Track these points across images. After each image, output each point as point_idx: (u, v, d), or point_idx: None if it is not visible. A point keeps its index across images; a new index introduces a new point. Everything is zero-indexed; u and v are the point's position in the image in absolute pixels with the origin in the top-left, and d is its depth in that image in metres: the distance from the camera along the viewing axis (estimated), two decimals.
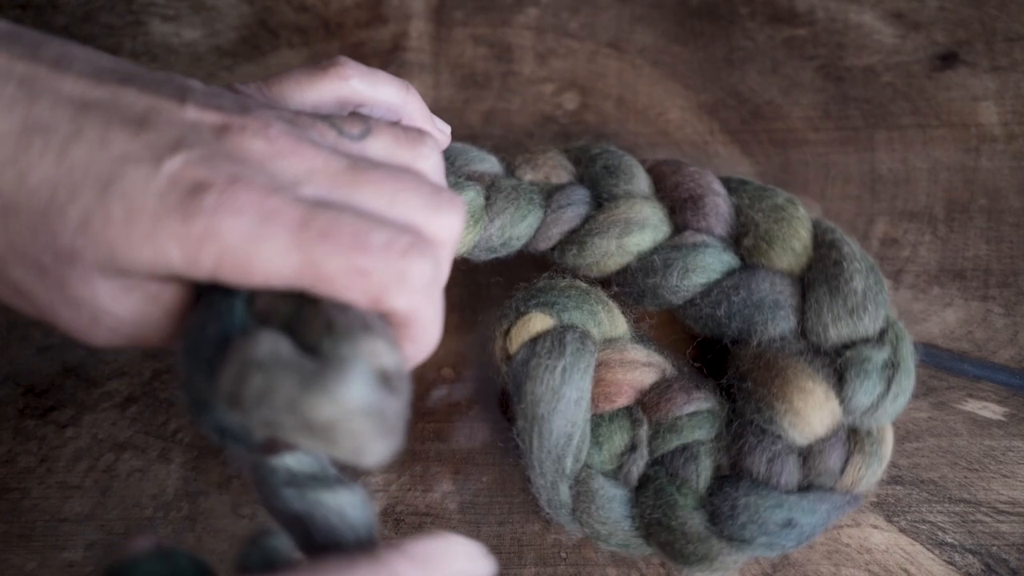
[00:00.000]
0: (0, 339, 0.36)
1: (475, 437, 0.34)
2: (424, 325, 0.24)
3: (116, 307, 0.22)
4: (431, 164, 0.27)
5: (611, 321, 0.31)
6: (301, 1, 0.43)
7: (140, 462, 0.33)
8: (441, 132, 0.30)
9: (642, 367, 0.31)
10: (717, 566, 0.28)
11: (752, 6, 0.43)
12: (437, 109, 0.39)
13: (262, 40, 0.42)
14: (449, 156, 0.33)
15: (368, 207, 0.23)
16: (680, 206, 0.33)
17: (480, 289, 0.37)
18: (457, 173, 0.33)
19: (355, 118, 0.26)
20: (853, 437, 0.29)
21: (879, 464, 0.29)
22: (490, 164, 0.34)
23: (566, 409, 0.29)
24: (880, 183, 0.39)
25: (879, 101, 0.40)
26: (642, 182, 0.33)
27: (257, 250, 0.21)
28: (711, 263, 0.31)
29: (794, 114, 0.40)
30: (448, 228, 0.24)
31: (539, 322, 0.30)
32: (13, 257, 0.22)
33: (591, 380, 0.30)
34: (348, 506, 0.21)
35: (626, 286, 0.33)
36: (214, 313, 0.22)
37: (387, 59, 0.42)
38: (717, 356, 0.33)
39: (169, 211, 0.21)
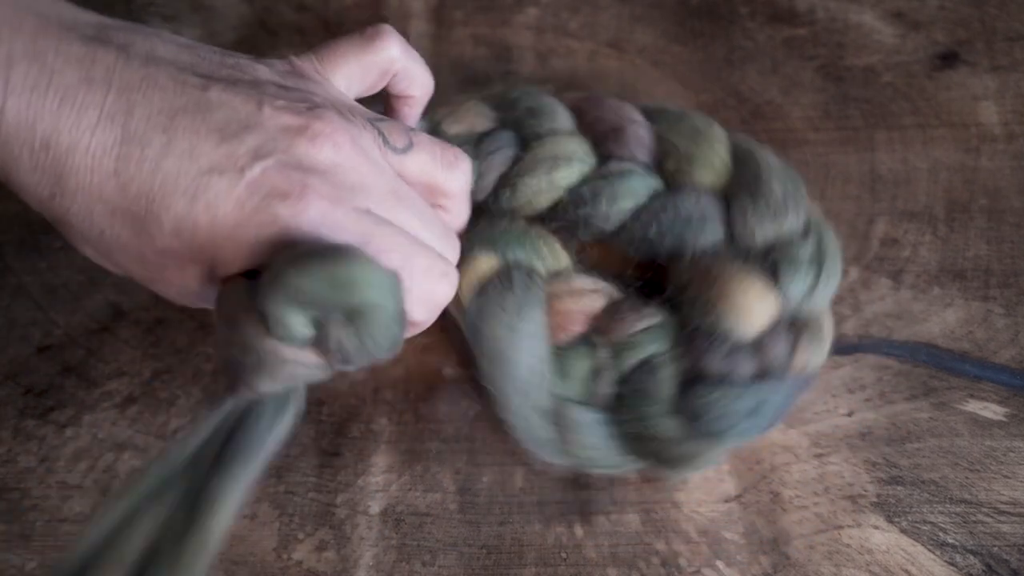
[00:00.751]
0: (0, 339, 0.36)
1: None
2: (423, 328, 0.29)
3: (197, 285, 0.26)
4: (460, 183, 0.30)
5: (553, 255, 0.33)
6: (300, 1, 0.43)
7: (140, 462, 0.33)
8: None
9: (590, 294, 0.32)
10: (704, 462, 0.31)
11: (752, 6, 0.43)
12: None
13: (261, 40, 0.42)
14: None
15: (407, 228, 0.27)
16: (603, 138, 0.34)
17: None
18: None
19: (401, 130, 0.28)
20: (795, 325, 0.31)
21: (822, 346, 0.31)
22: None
23: (525, 343, 0.30)
24: (880, 183, 0.38)
25: (879, 101, 0.40)
26: (564, 119, 0.34)
27: None
28: (637, 188, 0.33)
29: (794, 114, 0.40)
30: (454, 258, 0.29)
31: (484, 263, 0.32)
32: (119, 248, 0.25)
33: (544, 313, 0.31)
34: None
35: (561, 220, 0.34)
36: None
37: None
38: (656, 275, 0.34)
39: (248, 218, 0.24)
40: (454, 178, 0.30)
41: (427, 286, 0.26)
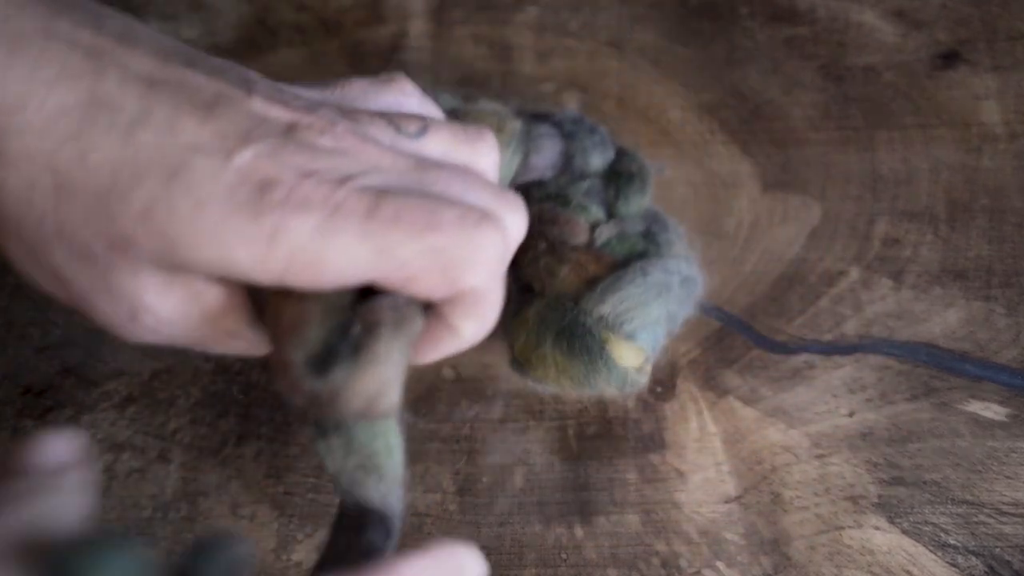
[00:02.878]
0: None
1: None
2: (491, 304, 0.24)
3: (158, 303, 0.21)
4: (490, 163, 0.26)
5: None
6: (300, 1, 0.43)
7: (139, 462, 0.33)
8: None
9: None
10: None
11: (752, 5, 0.43)
12: None
13: (261, 39, 0.42)
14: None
15: (436, 192, 0.22)
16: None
17: None
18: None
19: (412, 116, 0.25)
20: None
21: (645, 195, 0.34)
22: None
23: None
24: (881, 183, 0.38)
25: (880, 100, 0.40)
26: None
27: (329, 245, 0.20)
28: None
29: (794, 113, 0.40)
30: (514, 226, 0.24)
31: None
32: (60, 240, 0.20)
33: None
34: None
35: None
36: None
37: (386, 58, 0.42)
38: None
39: (238, 207, 0.20)
40: (480, 154, 0.26)
41: (467, 236, 0.21)
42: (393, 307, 0.21)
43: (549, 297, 0.31)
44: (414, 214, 0.21)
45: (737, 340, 0.36)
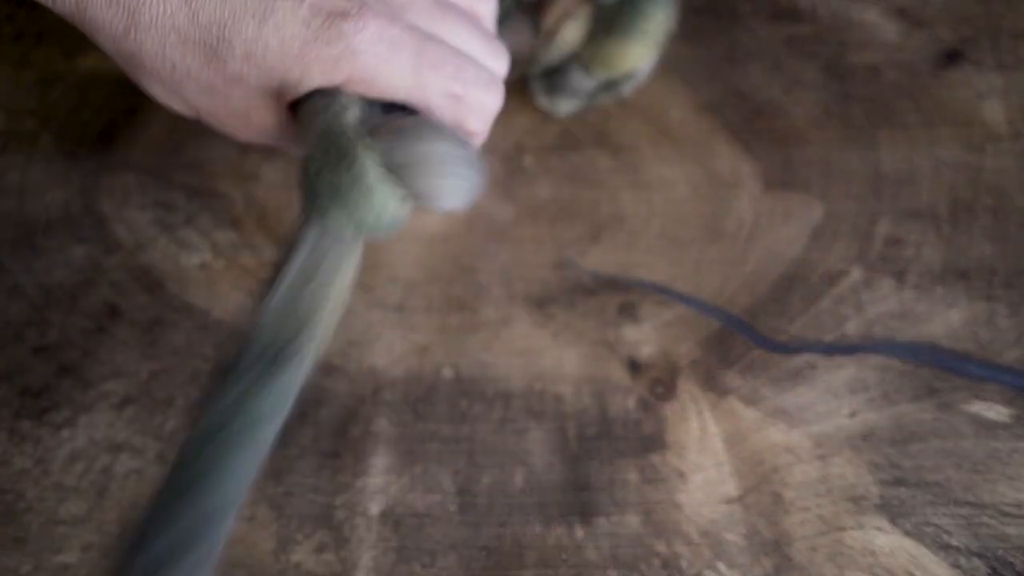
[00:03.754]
0: None
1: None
2: (481, 140, 0.31)
3: (264, 114, 0.28)
4: (488, 7, 0.32)
5: None
6: None
7: (137, 463, 0.33)
8: None
9: None
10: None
11: (754, 4, 0.42)
12: None
13: None
14: None
15: (452, 42, 0.28)
16: None
17: None
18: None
19: None
20: None
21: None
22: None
23: None
24: (883, 182, 0.38)
25: (882, 99, 0.40)
26: None
27: (383, 69, 0.26)
28: None
29: (796, 112, 0.40)
30: (500, 70, 0.31)
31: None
32: (188, 80, 0.27)
33: None
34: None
35: None
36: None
37: None
38: None
39: (314, 36, 0.26)
40: (484, 3, 0.31)
41: (478, 95, 0.28)
42: None
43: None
44: (448, 64, 0.27)
45: (738, 340, 0.35)
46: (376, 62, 0.26)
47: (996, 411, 0.33)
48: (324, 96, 0.27)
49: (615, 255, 0.38)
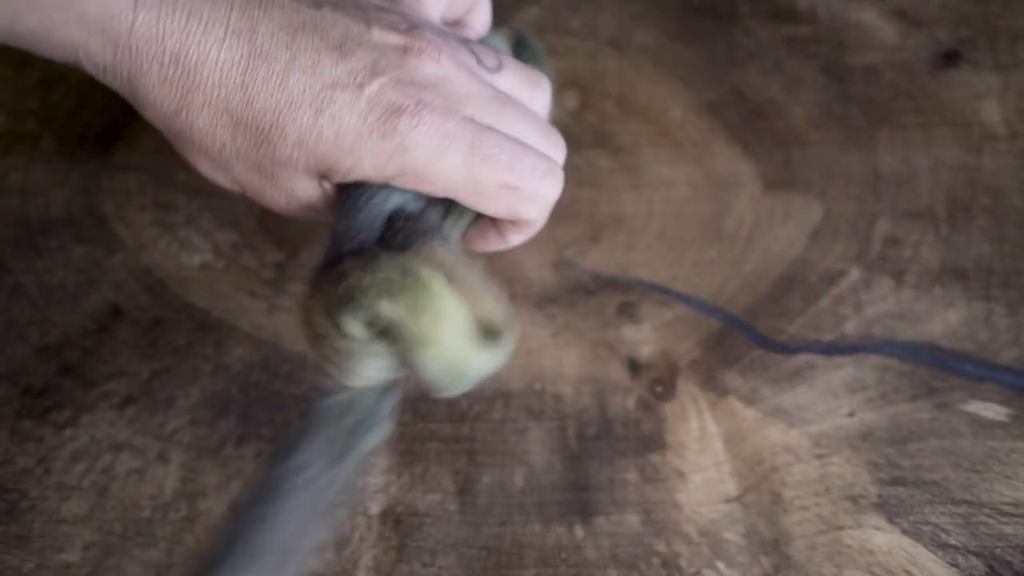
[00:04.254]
0: None
1: None
2: (537, 228, 0.31)
3: (307, 193, 0.28)
4: (544, 104, 0.32)
5: None
6: None
7: (138, 463, 0.33)
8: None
9: None
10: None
11: (753, 4, 0.43)
12: None
13: None
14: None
15: (509, 132, 0.28)
16: None
17: None
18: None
19: (489, 51, 0.31)
20: None
21: None
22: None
23: None
24: (882, 182, 0.38)
25: (881, 100, 0.40)
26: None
27: (435, 165, 0.26)
28: None
29: (796, 113, 0.40)
30: (559, 158, 0.30)
31: None
32: (237, 159, 0.27)
33: None
34: None
35: None
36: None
37: None
38: None
39: (370, 131, 0.26)
40: (539, 99, 0.31)
41: (535, 184, 0.28)
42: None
43: None
44: (502, 156, 0.27)
45: (738, 340, 0.36)
46: (428, 156, 0.26)
47: (994, 411, 0.34)
48: (371, 186, 0.27)
49: (615, 255, 0.38)
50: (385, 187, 0.27)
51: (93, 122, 0.42)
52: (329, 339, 0.24)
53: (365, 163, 0.26)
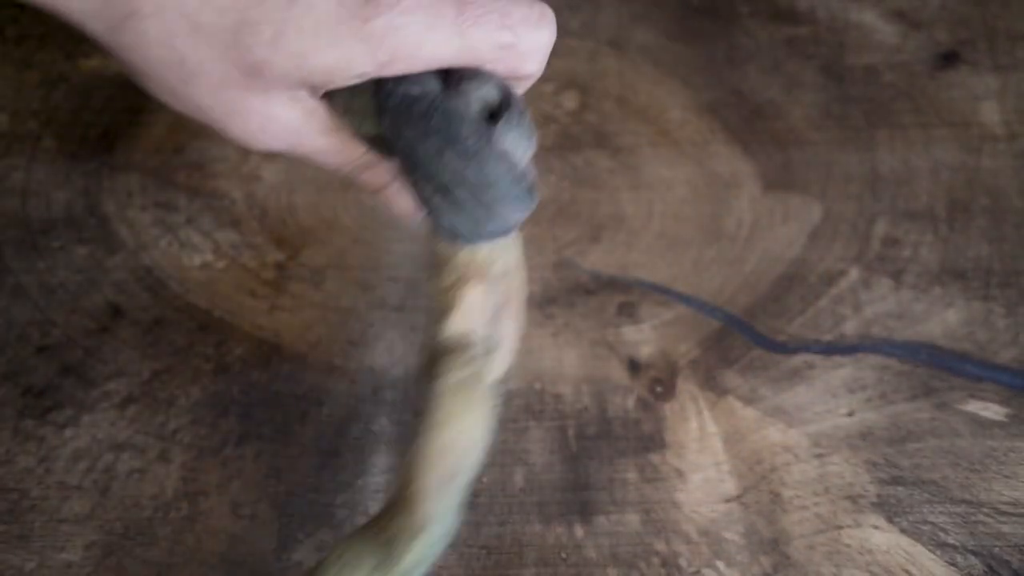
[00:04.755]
0: None
1: None
2: (535, 78, 0.29)
3: (285, 114, 0.25)
4: None
5: None
6: None
7: (139, 462, 0.33)
8: None
9: None
10: None
11: (753, 5, 0.43)
12: None
13: None
14: None
15: None
16: None
17: None
18: None
19: None
20: None
21: None
22: None
23: None
24: (881, 183, 0.38)
25: (880, 100, 0.40)
26: None
27: (426, 40, 0.24)
28: None
29: (795, 113, 0.40)
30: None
31: None
32: (199, 76, 0.24)
33: None
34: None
35: None
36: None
37: None
38: None
39: (351, 15, 0.23)
40: None
41: (530, 36, 0.26)
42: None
43: None
44: (491, 17, 0.25)
45: (737, 340, 0.36)
46: (418, 32, 0.24)
47: (992, 410, 0.34)
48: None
49: (615, 255, 0.38)
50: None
51: (94, 122, 0.42)
52: None
53: (353, 53, 0.23)
